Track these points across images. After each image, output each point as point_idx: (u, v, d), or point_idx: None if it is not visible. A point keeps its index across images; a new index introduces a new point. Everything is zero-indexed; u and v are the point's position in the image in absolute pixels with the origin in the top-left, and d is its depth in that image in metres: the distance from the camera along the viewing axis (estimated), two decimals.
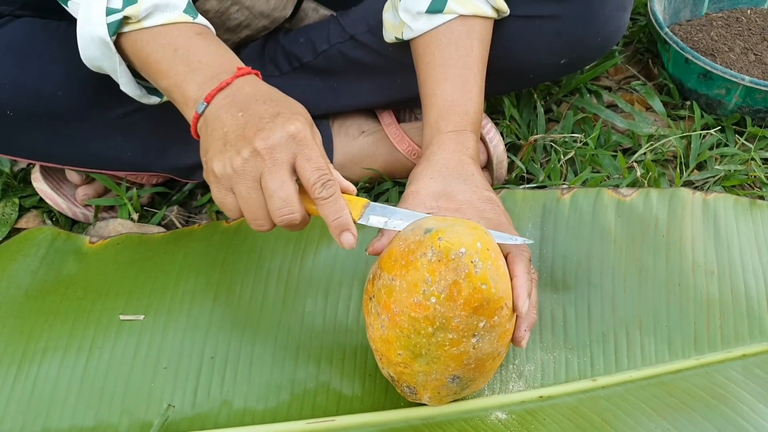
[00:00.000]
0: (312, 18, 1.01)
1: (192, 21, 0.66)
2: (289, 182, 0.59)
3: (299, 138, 0.59)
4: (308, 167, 0.59)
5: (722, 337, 0.77)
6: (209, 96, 0.62)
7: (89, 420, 0.69)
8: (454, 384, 0.62)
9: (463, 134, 0.74)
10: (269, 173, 0.59)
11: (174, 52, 0.64)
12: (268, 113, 0.60)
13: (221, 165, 0.60)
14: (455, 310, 0.57)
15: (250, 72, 0.65)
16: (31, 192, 0.99)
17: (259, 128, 0.59)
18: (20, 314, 0.76)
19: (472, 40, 0.77)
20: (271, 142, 0.58)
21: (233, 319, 0.76)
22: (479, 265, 0.57)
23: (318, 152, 0.60)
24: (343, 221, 0.61)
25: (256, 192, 0.60)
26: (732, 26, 1.21)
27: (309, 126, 0.61)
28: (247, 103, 0.61)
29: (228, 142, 0.60)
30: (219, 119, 0.61)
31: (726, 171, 1.02)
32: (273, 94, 0.63)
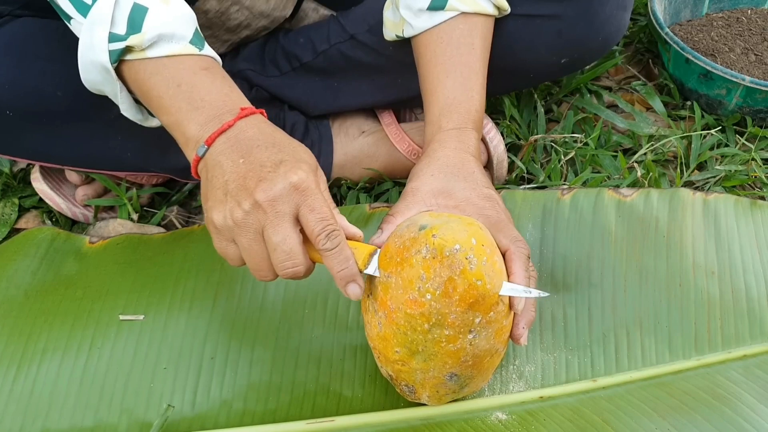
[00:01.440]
0: (312, 18, 1.01)
1: (198, 53, 0.64)
2: (292, 235, 0.57)
3: (302, 188, 0.57)
4: (312, 218, 0.57)
5: (723, 338, 0.77)
6: (210, 139, 0.60)
7: (89, 420, 0.69)
8: (452, 382, 0.62)
9: (464, 132, 0.73)
10: (271, 226, 0.57)
11: (177, 87, 0.62)
12: (270, 161, 0.58)
13: (222, 216, 0.59)
14: (450, 306, 0.57)
15: (254, 112, 0.62)
16: (30, 192, 0.99)
17: (260, 178, 0.57)
18: (20, 314, 0.75)
19: (474, 37, 0.77)
20: (273, 194, 0.56)
21: (233, 319, 0.75)
22: (474, 261, 0.57)
23: (322, 201, 0.58)
24: (348, 273, 0.59)
25: (259, 244, 0.58)
26: (732, 26, 1.21)
27: (313, 172, 0.59)
28: (249, 148, 0.59)
29: (228, 192, 0.58)
30: (220, 165, 0.59)
31: (726, 171, 1.02)
32: (277, 138, 0.61)
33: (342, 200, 0.99)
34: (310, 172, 0.58)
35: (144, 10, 0.62)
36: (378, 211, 0.84)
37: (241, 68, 0.99)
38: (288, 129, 0.97)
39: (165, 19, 0.62)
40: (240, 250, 0.59)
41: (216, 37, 0.95)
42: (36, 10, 0.77)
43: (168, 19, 0.62)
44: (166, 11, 0.63)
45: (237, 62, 0.99)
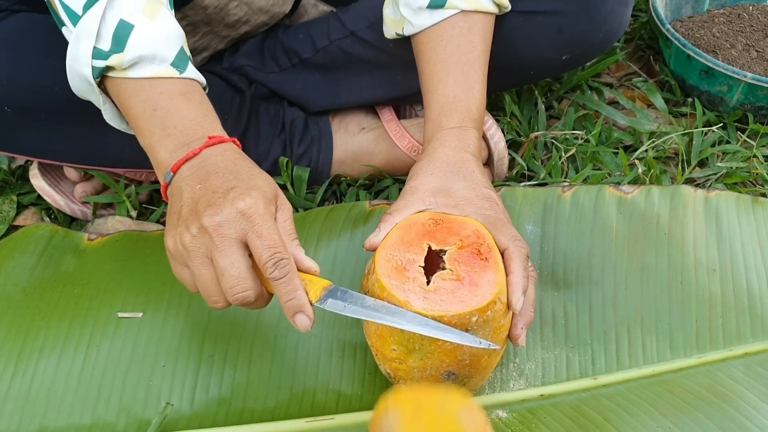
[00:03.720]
0: (311, 14, 1.01)
1: (179, 76, 0.64)
2: (240, 259, 0.57)
3: (249, 214, 0.57)
4: (259, 244, 0.56)
5: (724, 336, 0.77)
6: (176, 166, 0.61)
7: (87, 418, 0.69)
8: (449, 381, 0.61)
9: (465, 131, 0.73)
10: (218, 251, 0.57)
11: (153, 111, 0.63)
12: (223, 188, 0.58)
13: (173, 241, 0.59)
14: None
15: (223, 140, 0.62)
16: (29, 189, 0.98)
17: (209, 203, 0.57)
18: (18, 311, 0.75)
19: (474, 35, 0.77)
20: (219, 219, 0.56)
21: (232, 317, 0.75)
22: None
23: (270, 228, 0.57)
24: (295, 303, 0.58)
25: (207, 269, 0.58)
26: (734, 23, 1.20)
27: (264, 200, 0.58)
28: (207, 175, 0.59)
29: (181, 217, 0.59)
30: (179, 191, 0.60)
31: (728, 168, 1.01)
32: (237, 166, 0.61)
33: (341, 197, 0.98)
34: (261, 199, 0.58)
35: (130, 27, 0.62)
36: (378, 208, 0.84)
37: (241, 64, 0.98)
38: (287, 125, 0.96)
39: (149, 39, 0.62)
40: (192, 275, 0.59)
41: (215, 33, 0.95)
42: (34, 5, 0.77)
43: (152, 38, 0.62)
44: (151, 29, 0.63)
45: (236, 58, 0.99)
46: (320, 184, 0.98)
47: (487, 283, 0.59)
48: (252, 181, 0.59)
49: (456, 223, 0.63)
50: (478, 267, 0.59)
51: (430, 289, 0.58)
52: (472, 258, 0.60)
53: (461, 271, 0.59)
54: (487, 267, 0.60)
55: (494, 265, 0.60)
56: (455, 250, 0.60)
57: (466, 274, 0.59)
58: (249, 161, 0.63)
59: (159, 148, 0.62)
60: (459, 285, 0.58)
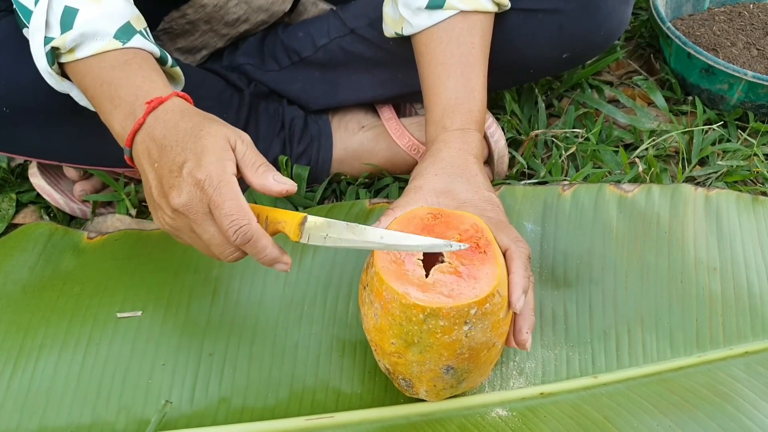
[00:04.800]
0: (311, 12, 1.01)
1: (122, 47, 0.64)
2: (217, 229, 0.59)
3: (205, 186, 0.57)
4: (218, 215, 0.58)
5: (724, 335, 0.77)
6: (128, 140, 0.62)
7: (86, 417, 0.69)
8: (448, 376, 0.61)
9: (468, 132, 0.73)
10: (196, 226, 0.60)
11: (101, 86, 0.64)
12: (176, 164, 0.59)
13: (159, 222, 0.63)
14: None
15: (162, 100, 0.62)
16: (28, 187, 0.98)
17: (171, 185, 0.59)
18: (17, 310, 0.75)
19: (474, 36, 0.77)
20: (183, 200, 0.58)
21: (232, 315, 0.75)
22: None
23: (226, 194, 0.57)
24: (268, 259, 0.60)
25: (198, 239, 0.61)
26: (734, 21, 1.20)
27: (217, 162, 0.58)
28: (159, 150, 0.61)
29: (155, 200, 0.62)
30: (143, 170, 0.62)
31: (728, 167, 1.01)
32: (180, 132, 0.61)
33: (341, 196, 0.98)
34: (214, 163, 0.58)
35: (74, 12, 0.63)
36: (378, 206, 0.84)
37: (240, 62, 0.98)
38: (287, 124, 0.96)
39: (91, 18, 0.63)
40: (188, 243, 0.63)
41: (215, 32, 0.95)
42: None
43: (94, 17, 0.64)
44: (95, 9, 0.64)
45: (236, 57, 0.99)
46: (320, 183, 0.98)
47: (486, 276, 0.59)
48: (198, 145, 0.59)
49: (454, 218, 0.63)
50: (476, 260, 0.60)
51: (428, 282, 0.58)
52: (470, 251, 0.60)
53: (460, 264, 0.59)
54: (485, 260, 0.60)
55: (493, 259, 0.60)
56: None
57: (465, 267, 0.59)
58: (190, 118, 0.62)
59: (112, 122, 0.64)
60: (457, 278, 0.58)
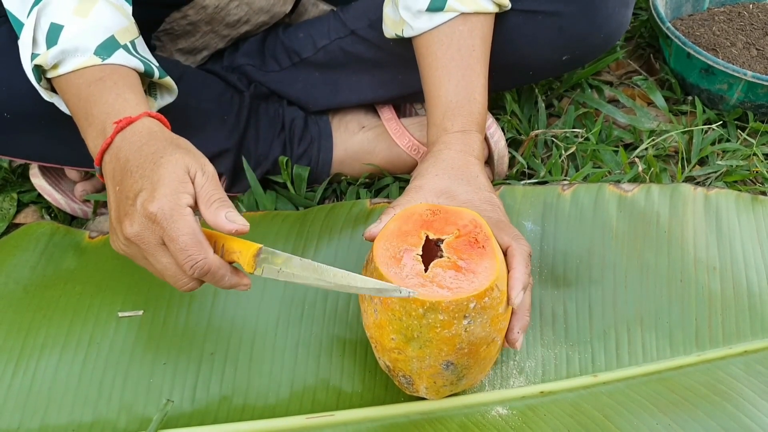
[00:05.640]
0: (312, 13, 1.01)
1: (100, 63, 0.64)
2: (170, 260, 0.58)
3: (157, 219, 0.56)
4: (173, 249, 0.57)
5: (724, 333, 0.77)
6: (97, 160, 0.63)
7: (88, 416, 0.69)
8: (448, 372, 0.62)
9: (469, 134, 0.74)
10: (150, 256, 0.59)
11: (78, 102, 0.64)
12: (132, 192, 0.58)
13: (114, 245, 0.62)
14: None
15: (131, 121, 0.61)
16: (29, 187, 0.99)
17: (125, 213, 0.59)
18: (19, 309, 0.75)
19: (474, 38, 0.77)
20: (135, 230, 0.58)
21: (233, 315, 0.75)
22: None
23: (180, 229, 0.56)
24: (227, 285, 0.60)
25: (153, 267, 0.60)
26: (734, 21, 1.20)
27: (171, 195, 0.56)
28: (122, 174, 0.60)
29: (112, 223, 0.61)
30: (108, 190, 0.62)
31: (728, 166, 1.01)
32: (141, 157, 0.59)
33: (342, 196, 0.99)
34: (167, 195, 0.56)
35: (60, 28, 0.64)
36: (378, 206, 0.84)
37: (241, 63, 0.98)
38: (287, 125, 0.96)
39: (74, 34, 0.64)
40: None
41: (215, 33, 0.95)
42: None
43: (76, 33, 0.64)
44: (80, 25, 0.64)
45: (236, 57, 0.99)
46: (320, 183, 0.98)
47: (484, 270, 0.59)
48: (156, 174, 0.58)
49: (453, 214, 0.63)
50: (475, 255, 0.60)
51: (427, 276, 0.59)
52: (469, 246, 0.60)
53: (458, 259, 0.60)
54: (484, 254, 0.60)
55: (491, 253, 0.60)
56: (452, 239, 0.61)
57: (464, 261, 0.59)
58: (155, 141, 0.60)
59: (86, 139, 0.64)
60: (456, 272, 0.59)
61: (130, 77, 0.66)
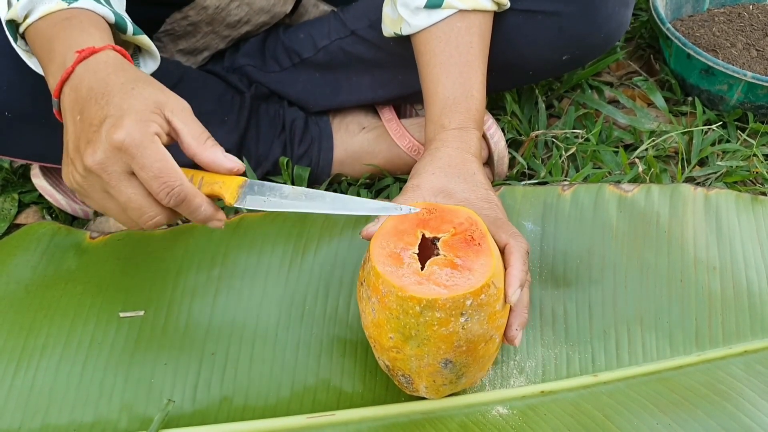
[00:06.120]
0: (312, 13, 1.01)
1: (67, 7, 0.62)
2: (136, 191, 0.56)
3: (125, 147, 0.54)
4: (145, 177, 0.55)
5: (724, 333, 0.77)
6: (56, 91, 0.60)
7: (89, 416, 0.69)
8: (447, 370, 0.62)
9: (466, 131, 0.74)
10: (111, 188, 0.56)
11: (41, 44, 0.62)
12: (97, 118, 0.56)
13: (68, 179, 0.59)
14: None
15: (95, 51, 0.59)
16: (30, 187, 0.99)
17: (87, 140, 0.55)
18: (20, 309, 0.75)
19: (472, 35, 0.77)
20: (98, 158, 0.54)
21: (233, 315, 0.75)
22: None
23: (152, 156, 0.54)
24: (202, 218, 0.58)
25: (110, 201, 0.57)
26: (734, 22, 1.20)
27: (140, 124, 0.55)
28: (84, 102, 0.57)
29: (69, 154, 0.58)
30: (66, 122, 0.59)
31: (728, 167, 1.01)
32: (109, 85, 0.57)
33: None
34: (134, 124, 0.54)
35: None
36: None
37: (241, 64, 0.98)
38: (288, 125, 0.97)
39: None
40: (97, 205, 0.59)
41: (216, 33, 0.95)
42: None
43: None
44: None
45: (237, 58, 0.99)
46: (321, 184, 0.98)
47: (481, 266, 0.59)
48: (125, 103, 0.56)
49: (449, 212, 0.63)
50: (471, 252, 0.60)
51: (424, 274, 0.59)
52: (465, 244, 0.61)
53: (455, 256, 0.60)
54: (480, 252, 0.60)
55: (487, 250, 0.60)
56: (449, 237, 0.61)
57: (460, 259, 0.60)
58: (124, 73, 0.58)
59: (47, 76, 0.61)
60: (453, 270, 0.59)
61: (98, 21, 0.63)
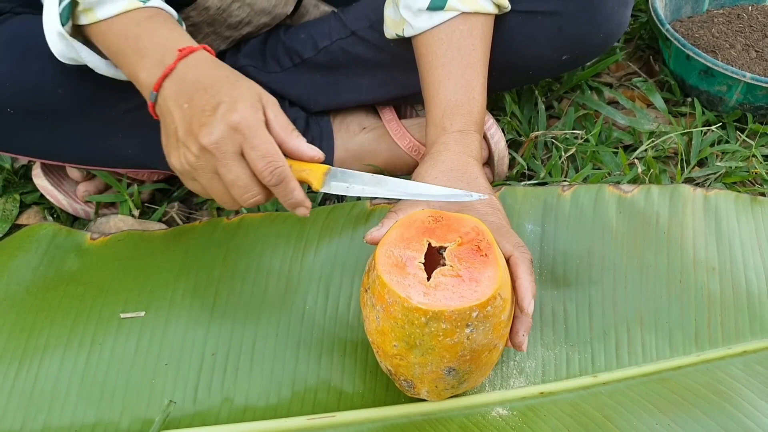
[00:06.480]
0: (313, 14, 1.01)
1: (143, 6, 0.66)
2: (244, 170, 0.62)
3: (240, 127, 0.60)
4: (254, 156, 0.61)
5: (723, 334, 0.77)
6: (156, 85, 0.64)
7: (90, 417, 0.69)
8: (450, 377, 0.62)
9: (468, 134, 0.74)
10: (222, 167, 0.61)
11: (125, 41, 0.66)
12: (210, 104, 0.61)
13: (178, 162, 0.64)
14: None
15: (194, 50, 0.65)
16: (31, 188, 0.99)
17: (201, 123, 0.61)
18: (21, 310, 0.76)
19: (474, 38, 0.77)
20: (215, 138, 0.60)
21: (234, 315, 0.76)
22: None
23: (262, 138, 0.61)
24: (294, 201, 0.64)
25: (217, 182, 0.63)
26: (733, 23, 1.21)
27: (251, 109, 0.61)
28: (191, 92, 0.62)
29: (179, 138, 0.63)
30: (169, 112, 0.63)
31: (727, 168, 1.02)
32: (215, 78, 0.63)
33: (342, 197, 0.99)
34: (248, 108, 0.61)
35: None
36: (379, 207, 0.84)
37: (242, 64, 0.99)
38: None
39: None
40: (203, 186, 0.64)
41: (217, 34, 0.95)
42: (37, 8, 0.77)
43: None
44: None
45: (238, 58, 0.99)
46: None
47: (487, 279, 0.59)
48: (235, 91, 0.62)
49: (455, 220, 0.63)
50: (477, 263, 0.60)
51: (430, 285, 0.58)
52: (471, 254, 0.60)
53: (461, 267, 0.59)
54: (486, 263, 0.60)
55: (494, 261, 0.60)
56: (455, 247, 0.61)
57: (466, 270, 0.59)
58: (225, 68, 0.65)
59: (138, 72, 0.65)
60: (459, 281, 0.59)
61: (173, 20, 0.69)
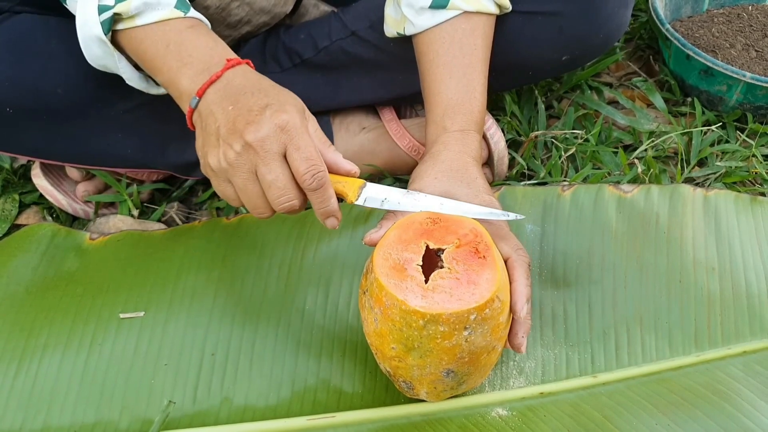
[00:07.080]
0: (313, 14, 1.01)
1: (184, 16, 0.67)
2: (284, 171, 0.61)
3: (288, 128, 0.60)
4: (297, 157, 0.61)
5: (723, 334, 0.77)
6: (200, 90, 0.64)
7: (90, 416, 0.69)
8: (449, 378, 0.62)
9: (467, 134, 0.74)
10: (263, 165, 0.61)
11: (166, 47, 0.66)
12: (258, 105, 0.61)
13: (216, 159, 0.63)
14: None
15: (240, 62, 0.66)
16: (31, 188, 0.99)
17: (248, 121, 0.61)
18: (20, 310, 0.76)
19: (476, 38, 0.77)
20: (261, 135, 0.60)
21: (233, 315, 0.76)
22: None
23: (307, 140, 0.61)
24: (328, 210, 0.64)
25: (253, 183, 0.62)
26: (733, 23, 1.21)
27: (299, 114, 0.62)
28: (237, 96, 0.63)
29: (221, 137, 0.62)
30: (212, 114, 0.63)
31: (727, 167, 1.02)
32: (263, 84, 0.64)
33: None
34: (295, 113, 0.62)
35: None
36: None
37: None
38: None
39: None
40: (236, 189, 0.64)
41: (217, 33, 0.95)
42: (36, 7, 0.77)
43: None
44: None
45: None
46: None
47: (486, 281, 0.59)
48: (282, 97, 0.63)
49: (453, 222, 0.63)
50: (476, 265, 0.60)
51: (428, 287, 0.58)
52: (470, 256, 0.60)
53: (459, 269, 0.59)
54: (485, 265, 0.60)
55: (492, 263, 0.60)
56: (453, 249, 0.60)
57: (464, 272, 0.59)
58: (269, 80, 0.66)
59: (179, 78, 0.65)
60: (457, 283, 0.58)
61: (211, 31, 0.70)
